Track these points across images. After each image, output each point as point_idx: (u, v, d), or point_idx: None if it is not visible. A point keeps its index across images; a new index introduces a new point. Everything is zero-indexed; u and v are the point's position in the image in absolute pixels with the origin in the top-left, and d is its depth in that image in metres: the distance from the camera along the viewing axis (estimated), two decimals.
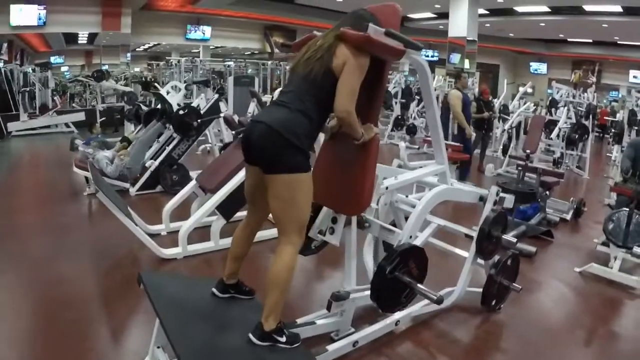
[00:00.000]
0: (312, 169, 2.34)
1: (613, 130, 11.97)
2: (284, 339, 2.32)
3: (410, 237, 2.78)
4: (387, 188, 2.92)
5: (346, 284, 2.81)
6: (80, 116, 12.13)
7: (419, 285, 2.59)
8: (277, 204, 2.30)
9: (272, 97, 4.60)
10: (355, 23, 2.39)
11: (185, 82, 14.87)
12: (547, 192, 5.55)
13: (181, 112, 6.34)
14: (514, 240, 3.17)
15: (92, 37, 18.93)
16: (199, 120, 6.38)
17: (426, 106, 3.09)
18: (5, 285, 3.63)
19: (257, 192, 2.46)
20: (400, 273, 2.56)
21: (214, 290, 2.63)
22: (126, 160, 6.18)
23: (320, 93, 2.32)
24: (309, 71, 2.33)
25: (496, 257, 3.27)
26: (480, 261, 3.25)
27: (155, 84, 10.16)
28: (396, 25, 2.46)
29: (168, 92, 7.39)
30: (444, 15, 17.47)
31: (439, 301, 2.55)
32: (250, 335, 2.28)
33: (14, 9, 14.74)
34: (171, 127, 6.42)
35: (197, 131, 6.47)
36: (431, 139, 3.19)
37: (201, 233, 4.41)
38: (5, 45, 17.47)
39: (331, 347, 2.68)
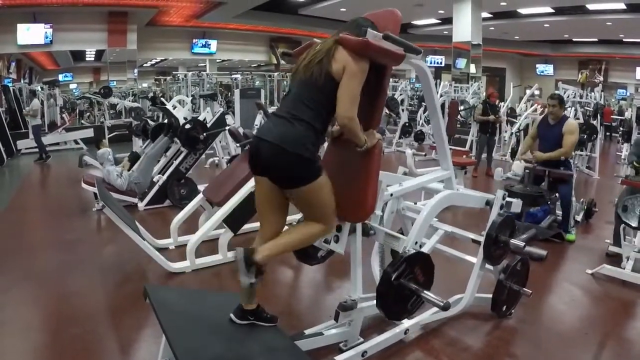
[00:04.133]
0: (323, 171, 2.38)
1: (621, 129, 11.88)
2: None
3: (416, 243, 2.75)
4: (391, 195, 2.90)
5: (352, 293, 2.78)
6: (89, 133, 12.22)
7: (425, 292, 2.56)
8: (304, 209, 2.46)
9: None
10: (354, 30, 2.39)
11: (192, 95, 15.04)
12: (557, 194, 5.49)
13: (187, 125, 6.33)
14: (522, 244, 3.12)
15: (99, 54, 19.14)
16: (205, 134, 6.40)
17: (430, 111, 3.07)
18: (15, 301, 3.65)
19: (267, 205, 2.47)
20: (406, 280, 2.54)
21: (232, 316, 2.55)
22: (126, 173, 6.23)
23: (321, 97, 2.31)
24: (310, 75, 2.32)
25: (505, 262, 3.24)
26: (489, 267, 3.22)
27: (162, 99, 10.15)
28: (395, 30, 2.44)
29: (174, 107, 7.41)
30: (447, 20, 17.56)
31: (446, 307, 2.52)
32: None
33: (21, 28, 14.97)
34: (178, 141, 6.44)
35: (204, 144, 6.48)
36: (435, 144, 3.17)
37: (209, 246, 4.41)
38: (13, 64, 17.67)
39: (340, 358, 2.65)
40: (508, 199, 3.20)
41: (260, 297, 2.62)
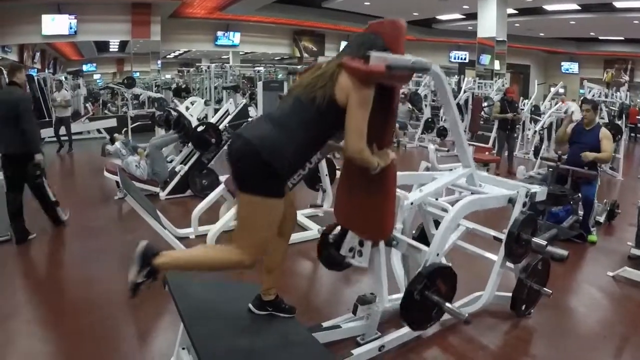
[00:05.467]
0: (284, 195, 2.20)
1: None
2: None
3: (438, 254, 2.73)
4: (412, 203, 2.87)
5: (379, 304, 2.79)
6: (112, 122, 12.35)
7: (447, 304, 2.57)
8: (237, 224, 2.22)
9: None
10: (358, 50, 2.28)
11: (215, 87, 15.10)
12: (579, 194, 5.43)
13: (199, 128, 6.29)
14: (544, 243, 3.09)
15: (123, 44, 19.28)
16: (227, 126, 6.40)
17: (446, 111, 3.05)
18: (37, 287, 3.71)
19: None
20: (429, 293, 2.55)
21: (251, 306, 2.55)
22: (144, 162, 6.28)
23: (320, 119, 2.21)
24: (312, 98, 2.19)
25: (526, 261, 3.21)
26: (510, 265, 3.20)
27: (175, 100, 10.14)
28: (400, 42, 2.34)
29: (187, 108, 7.41)
30: (472, 16, 17.34)
31: (467, 322, 2.54)
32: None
33: (46, 18, 15.10)
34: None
35: (217, 145, 6.43)
36: (455, 142, 3.15)
37: (229, 237, 4.42)
38: (38, 54, 17.88)
39: (357, 351, 2.67)
40: (533, 189, 3.18)
41: (279, 288, 2.63)
